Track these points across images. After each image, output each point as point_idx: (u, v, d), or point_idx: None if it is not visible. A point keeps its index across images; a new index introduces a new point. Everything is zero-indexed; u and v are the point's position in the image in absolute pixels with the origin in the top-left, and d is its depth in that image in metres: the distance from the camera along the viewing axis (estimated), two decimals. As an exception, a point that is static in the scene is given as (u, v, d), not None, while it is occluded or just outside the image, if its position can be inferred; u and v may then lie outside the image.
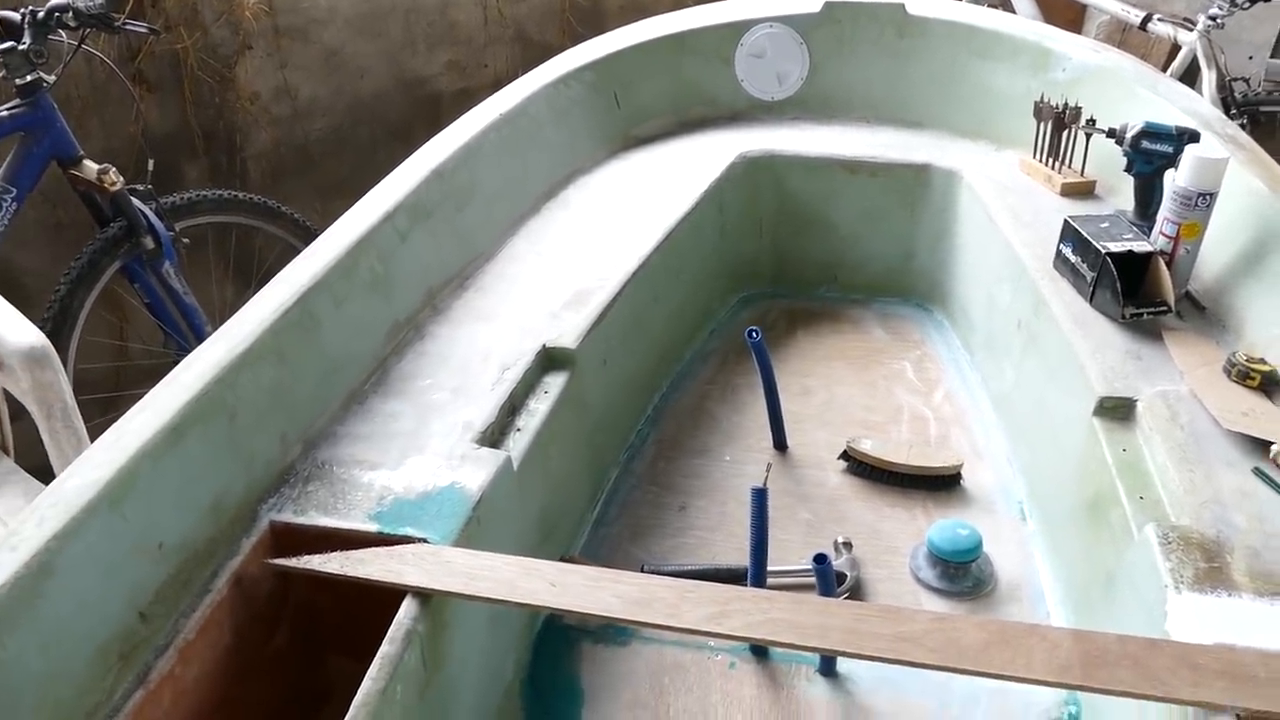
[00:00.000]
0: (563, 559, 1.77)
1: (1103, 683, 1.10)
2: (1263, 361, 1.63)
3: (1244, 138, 2.15)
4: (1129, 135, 1.99)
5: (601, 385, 1.93)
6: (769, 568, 1.69)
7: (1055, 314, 1.87)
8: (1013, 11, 4.17)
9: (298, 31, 3.50)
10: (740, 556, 1.70)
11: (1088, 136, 2.27)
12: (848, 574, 1.73)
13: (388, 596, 1.26)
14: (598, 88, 2.72)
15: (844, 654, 1.16)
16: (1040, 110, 2.41)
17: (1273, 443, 1.46)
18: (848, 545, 1.80)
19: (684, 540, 1.88)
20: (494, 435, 1.59)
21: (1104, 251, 1.82)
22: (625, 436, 2.12)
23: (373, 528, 1.36)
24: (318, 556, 1.32)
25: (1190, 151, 1.80)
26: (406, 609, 1.24)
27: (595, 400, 1.90)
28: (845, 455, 2.02)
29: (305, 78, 3.56)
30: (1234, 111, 3.38)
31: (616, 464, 2.06)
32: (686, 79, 2.89)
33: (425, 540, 1.33)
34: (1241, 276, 1.85)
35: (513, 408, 1.67)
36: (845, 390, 2.31)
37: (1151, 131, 1.97)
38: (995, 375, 2.22)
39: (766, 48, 2.88)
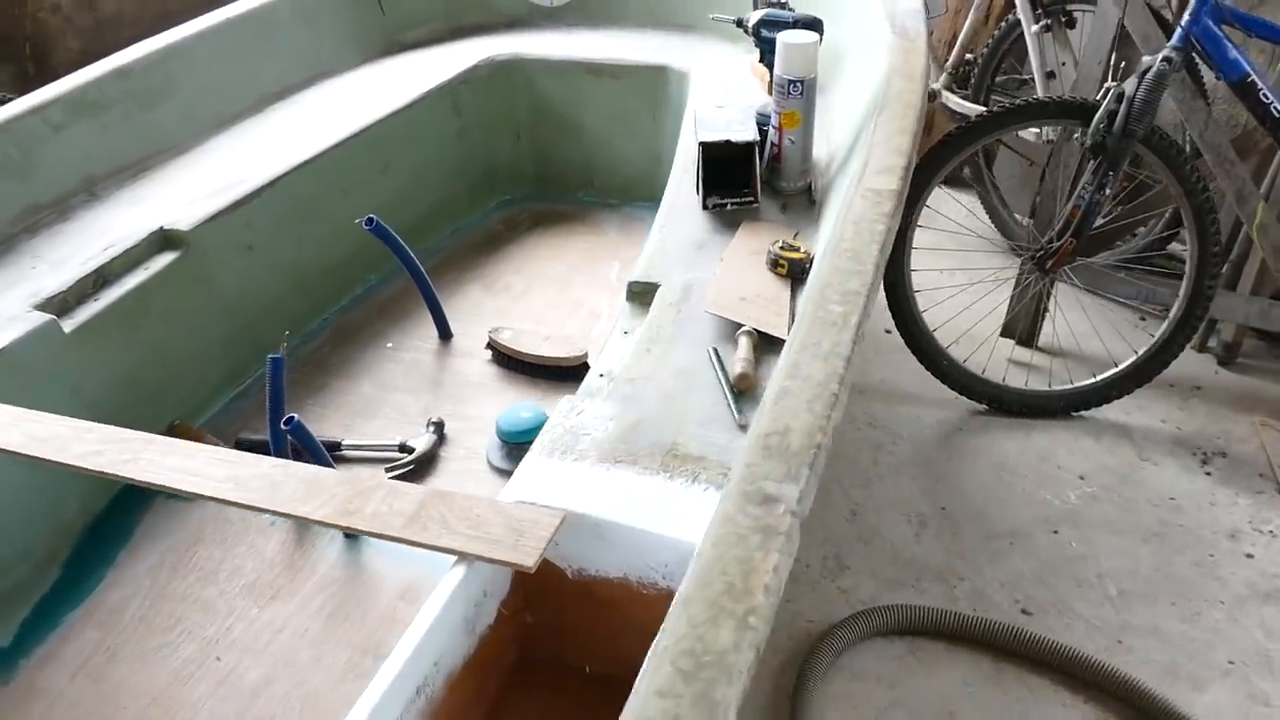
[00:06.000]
0: (171, 427, 1.87)
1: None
2: (796, 250, 1.64)
3: (917, 30, 2.08)
4: (750, 24, 1.94)
5: (244, 269, 2.00)
6: (360, 442, 1.84)
7: (680, 208, 1.89)
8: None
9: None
10: (362, 425, 1.93)
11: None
12: (416, 448, 1.80)
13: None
14: (359, -11, 2.74)
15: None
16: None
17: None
18: (437, 425, 1.86)
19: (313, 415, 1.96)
20: (64, 303, 1.69)
21: (700, 141, 1.83)
22: (301, 323, 2.19)
23: None
24: None
25: (779, 38, 1.78)
26: None
27: (231, 283, 1.98)
28: (489, 345, 2.08)
29: (105, -11, 3.64)
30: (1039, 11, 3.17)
31: (283, 346, 2.14)
32: (461, -18, 2.89)
33: None
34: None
35: (103, 281, 1.77)
36: (542, 286, 2.36)
37: (771, 20, 1.91)
38: None
39: (547, -50, 2.87)
